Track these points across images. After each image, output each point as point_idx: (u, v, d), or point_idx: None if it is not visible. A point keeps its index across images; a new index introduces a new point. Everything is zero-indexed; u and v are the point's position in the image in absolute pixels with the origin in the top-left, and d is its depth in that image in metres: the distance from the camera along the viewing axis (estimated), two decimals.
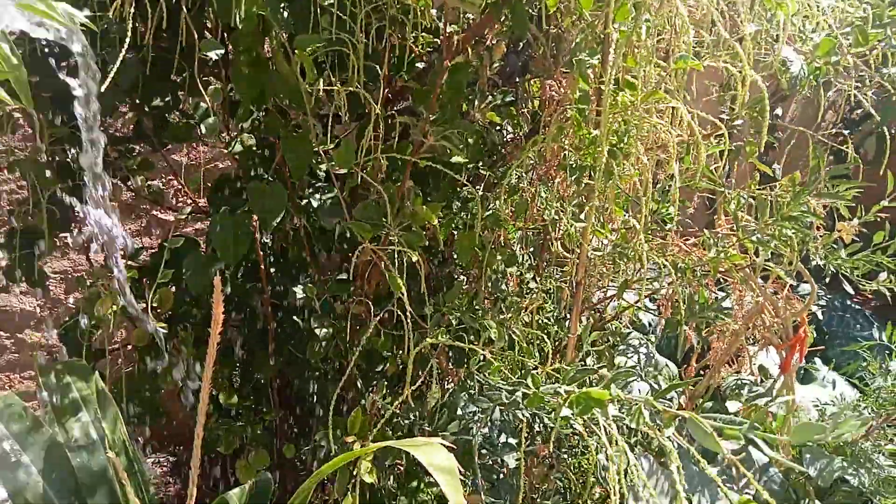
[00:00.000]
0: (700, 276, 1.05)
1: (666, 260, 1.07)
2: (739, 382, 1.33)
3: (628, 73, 0.89)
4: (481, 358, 0.86)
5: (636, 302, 1.19)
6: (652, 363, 1.37)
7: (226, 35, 1.19)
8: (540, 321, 1.12)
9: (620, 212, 0.96)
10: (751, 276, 1.12)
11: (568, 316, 1.32)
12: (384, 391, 1.30)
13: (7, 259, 1.38)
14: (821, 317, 2.01)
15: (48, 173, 1.23)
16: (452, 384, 1.30)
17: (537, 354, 1.05)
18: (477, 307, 1.09)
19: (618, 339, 1.28)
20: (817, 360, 1.92)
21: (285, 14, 1.08)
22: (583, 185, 1.04)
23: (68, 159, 1.25)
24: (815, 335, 1.44)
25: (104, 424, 0.97)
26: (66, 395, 1.00)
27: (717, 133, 0.95)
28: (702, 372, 1.44)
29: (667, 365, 1.42)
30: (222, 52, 1.15)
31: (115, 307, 1.13)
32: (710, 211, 1.52)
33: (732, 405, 1.38)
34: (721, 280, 1.37)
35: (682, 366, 1.47)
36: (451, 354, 1.31)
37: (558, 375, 0.75)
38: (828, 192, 1.01)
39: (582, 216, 1.09)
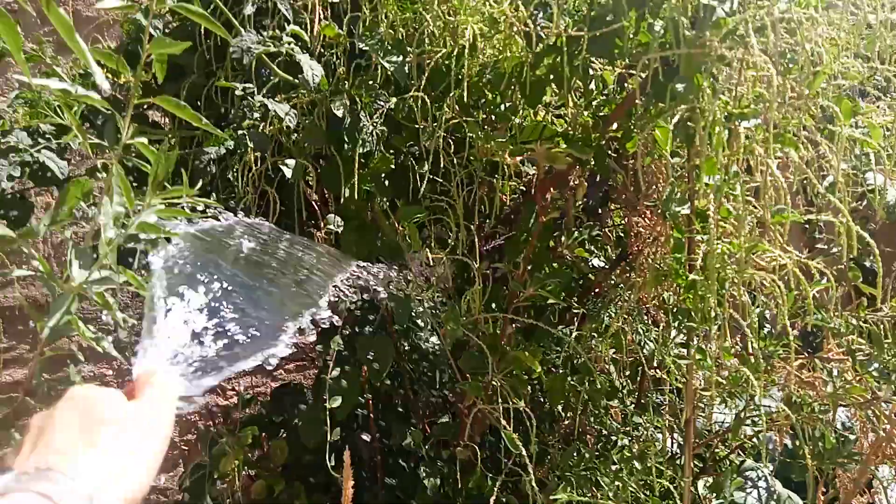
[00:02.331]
0: (819, 410, 1.01)
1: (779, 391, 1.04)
2: None
3: (724, 220, 0.92)
4: None
5: (752, 437, 1.15)
6: (774, 497, 1.29)
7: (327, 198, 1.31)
8: (652, 467, 1.09)
9: (729, 356, 0.96)
10: (875, 406, 1.07)
11: (676, 452, 1.28)
12: None
13: None
14: None
15: None
16: None
17: None
18: (586, 454, 1.08)
19: (733, 473, 1.22)
20: None
21: (386, 183, 1.19)
22: (684, 323, 1.05)
23: None
24: None
25: None
26: None
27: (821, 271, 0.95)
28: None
29: (790, 497, 1.33)
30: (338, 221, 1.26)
31: (238, 461, 1.20)
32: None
33: None
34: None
35: (806, 496, 1.37)
36: None
37: None
38: None
39: (685, 351, 1.09)
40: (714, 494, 1.28)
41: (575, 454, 1.11)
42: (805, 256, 1.04)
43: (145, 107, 1.39)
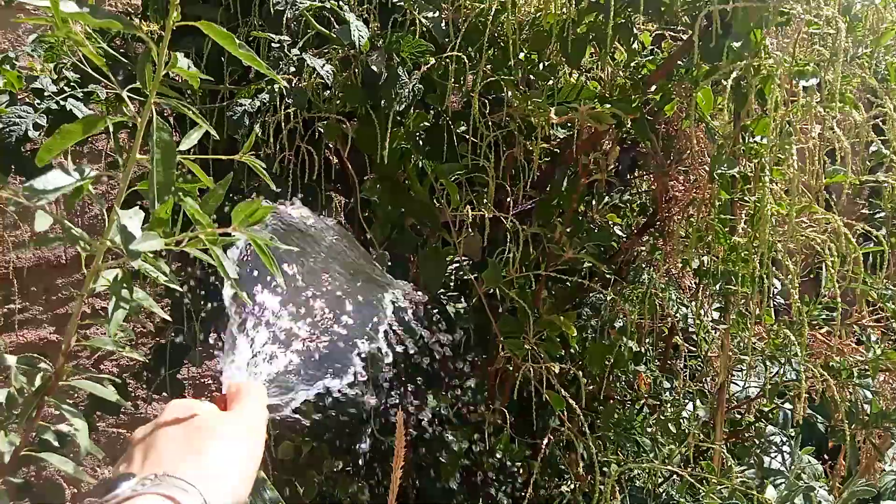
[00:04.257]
0: (858, 376, 1.01)
1: (815, 360, 1.04)
2: None
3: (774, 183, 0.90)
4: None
5: (783, 402, 1.16)
6: (796, 461, 1.30)
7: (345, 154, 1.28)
8: (685, 429, 1.10)
9: (770, 319, 0.95)
10: None
11: (703, 415, 1.28)
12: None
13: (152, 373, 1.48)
14: None
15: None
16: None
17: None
18: (620, 418, 1.08)
19: (760, 439, 1.24)
20: None
21: (421, 143, 1.16)
22: (721, 287, 1.04)
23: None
24: None
25: None
26: None
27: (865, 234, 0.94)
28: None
29: (809, 462, 1.35)
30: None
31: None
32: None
33: None
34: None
35: (826, 462, 1.39)
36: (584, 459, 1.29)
37: None
38: None
39: (720, 316, 1.09)
40: (738, 459, 1.29)
41: (609, 417, 1.11)
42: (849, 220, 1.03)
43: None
